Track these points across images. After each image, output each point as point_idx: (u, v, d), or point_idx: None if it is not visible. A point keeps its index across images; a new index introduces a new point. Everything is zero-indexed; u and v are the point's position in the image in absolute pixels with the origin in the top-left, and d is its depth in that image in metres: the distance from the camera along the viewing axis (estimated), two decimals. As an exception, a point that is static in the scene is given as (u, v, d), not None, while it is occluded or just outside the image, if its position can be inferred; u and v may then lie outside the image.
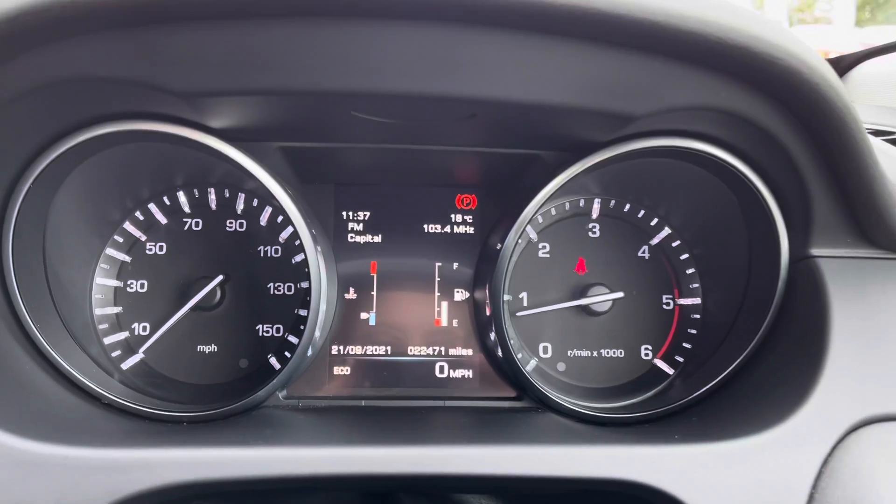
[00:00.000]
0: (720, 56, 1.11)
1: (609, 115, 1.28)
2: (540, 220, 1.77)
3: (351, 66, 1.13)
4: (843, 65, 2.32)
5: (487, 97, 1.20)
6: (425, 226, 1.82)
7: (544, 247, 1.79)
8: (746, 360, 1.52)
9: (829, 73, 1.15)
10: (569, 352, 1.77)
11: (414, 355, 1.77)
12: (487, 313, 1.63)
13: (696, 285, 1.76)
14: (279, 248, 1.74)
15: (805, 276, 1.42)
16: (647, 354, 1.77)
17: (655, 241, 1.79)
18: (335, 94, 1.19)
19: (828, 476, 1.18)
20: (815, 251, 1.40)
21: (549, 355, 1.77)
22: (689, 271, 1.77)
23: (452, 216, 1.82)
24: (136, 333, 1.68)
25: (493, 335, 1.61)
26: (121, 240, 1.68)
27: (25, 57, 1.10)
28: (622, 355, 1.77)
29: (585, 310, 1.74)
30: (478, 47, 1.11)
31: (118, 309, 1.68)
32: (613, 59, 1.14)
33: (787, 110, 1.23)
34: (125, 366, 1.65)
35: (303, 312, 1.68)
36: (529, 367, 1.74)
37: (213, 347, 1.70)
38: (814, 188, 1.33)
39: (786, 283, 1.47)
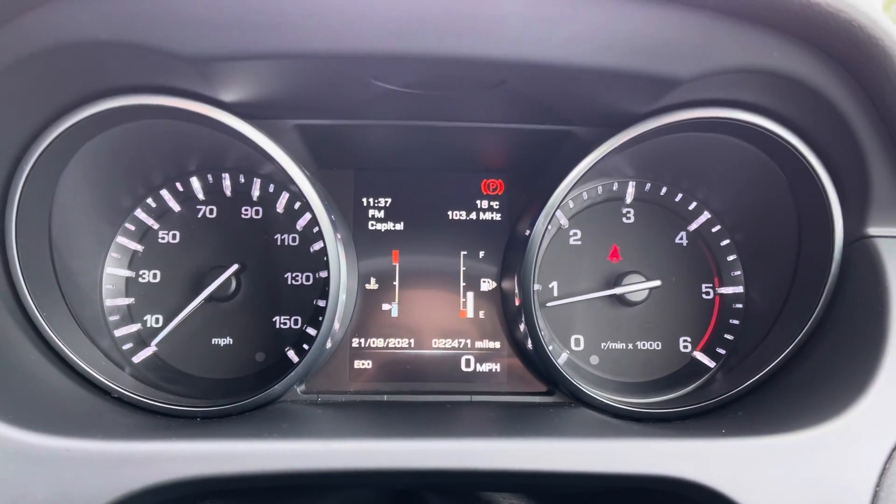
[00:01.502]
0: (776, 9, 1.03)
1: (650, 80, 1.19)
2: (571, 205, 1.69)
3: (370, 26, 1.06)
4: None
5: (519, 59, 1.11)
6: (450, 212, 1.74)
7: (576, 233, 1.71)
8: (796, 351, 1.43)
9: (893, 29, 1.06)
10: (602, 344, 1.68)
11: (438, 348, 1.70)
12: (516, 304, 1.56)
13: (738, 273, 1.67)
14: (297, 236, 1.67)
15: (861, 257, 1.32)
16: (685, 347, 1.68)
17: (694, 226, 1.70)
18: (354, 58, 1.11)
19: (893, 472, 1.10)
20: (872, 230, 1.31)
21: (581, 348, 1.68)
22: (731, 258, 1.68)
23: (478, 202, 1.75)
24: (149, 325, 1.62)
25: (522, 327, 1.53)
26: (132, 228, 1.63)
27: (24, 19, 1.03)
28: (659, 348, 1.68)
29: (620, 300, 1.66)
30: (507, 3, 1.03)
31: (130, 300, 1.62)
32: (658, 16, 1.06)
33: (847, 71, 1.14)
34: (137, 359, 1.59)
35: (322, 303, 1.61)
36: (561, 360, 1.66)
37: (229, 340, 1.63)
38: (872, 159, 1.24)
39: (840, 265, 1.37)
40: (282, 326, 1.65)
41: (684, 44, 1.12)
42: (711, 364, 1.64)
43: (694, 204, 1.69)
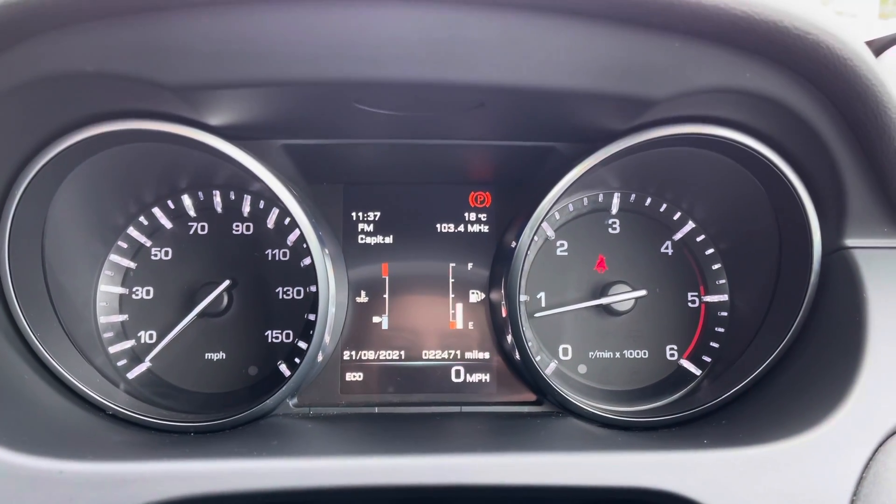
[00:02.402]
0: (745, 32, 1.05)
1: (627, 101, 1.21)
2: (557, 216, 1.71)
3: (349, 54, 1.08)
4: (873, 49, 2.23)
5: (496, 83, 1.13)
6: (438, 225, 1.76)
7: (562, 244, 1.72)
8: (778, 360, 1.45)
9: (863, 49, 1.08)
10: (590, 353, 1.70)
11: (429, 360, 1.72)
12: (503, 315, 1.57)
13: (723, 281, 1.69)
14: (287, 251, 1.69)
15: (839, 268, 1.34)
16: (672, 355, 1.70)
17: (679, 235, 1.72)
18: (334, 84, 1.13)
19: (870, 481, 1.12)
20: (849, 242, 1.33)
21: (569, 357, 1.70)
22: (715, 267, 1.69)
23: (466, 214, 1.76)
24: (143, 341, 1.64)
25: (509, 338, 1.55)
26: (125, 245, 1.64)
27: (10, 52, 1.05)
28: (646, 356, 1.70)
29: (606, 309, 1.68)
30: (483, 30, 1.05)
31: (123, 317, 1.64)
32: (630, 39, 1.08)
33: (819, 90, 1.16)
34: (131, 375, 1.60)
35: (312, 317, 1.63)
36: (549, 369, 1.68)
37: (221, 355, 1.65)
38: (847, 174, 1.26)
39: (819, 276, 1.39)
40: (274, 340, 1.67)
41: (658, 66, 1.13)
42: (697, 372, 1.66)
43: (678, 214, 1.71)
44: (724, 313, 1.68)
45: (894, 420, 1.16)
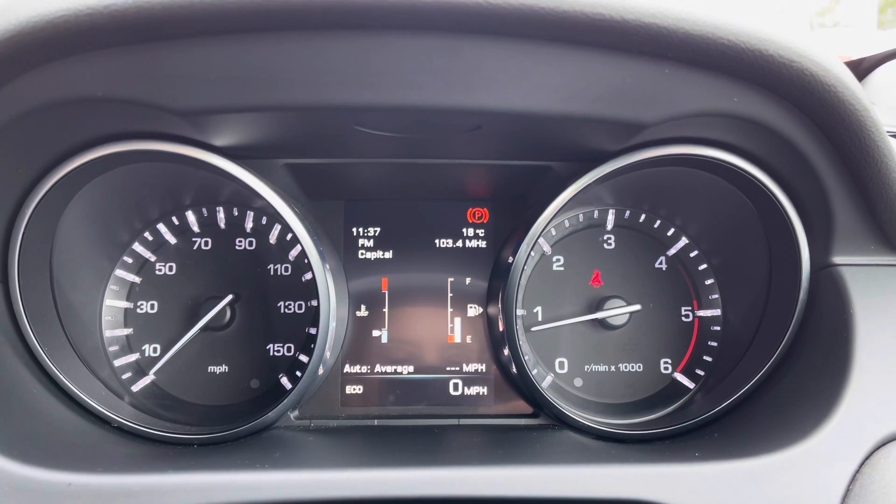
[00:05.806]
0: (731, 60, 1.08)
1: (619, 124, 1.25)
2: (553, 232, 1.74)
3: (350, 80, 1.11)
4: (865, 67, 2.27)
5: (491, 108, 1.17)
6: (437, 240, 1.79)
7: (558, 260, 1.76)
8: (769, 374, 1.47)
9: (845, 75, 1.11)
10: (586, 367, 1.73)
11: (427, 373, 1.75)
12: (501, 329, 1.60)
13: (716, 296, 1.72)
14: (289, 266, 1.72)
15: (827, 285, 1.37)
16: (666, 368, 1.73)
17: (672, 251, 1.75)
18: (336, 109, 1.17)
19: (856, 494, 1.14)
20: (837, 259, 1.36)
21: (565, 371, 1.73)
22: (708, 282, 1.72)
23: (464, 230, 1.80)
24: (147, 355, 1.67)
25: (506, 351, 1.58)
26: (130, 261, 1.68)
27: (24, 78, 1.09)
28: (641, 370, 1.73)
29: (602, 323, 1.71)
30: (479, 57, 1.09)
31: (128, 330, 1.67)
32: (620, 66, 1.11)
33: (804, 114, 1.19)
34: (136, 388, 1.63)
35: (313, 331, 1.65)
36: (545, 383, 1.70)
37: (224, 368, 1.68)
38: (834, 194, 1.29)
39: (807, 292, 1.42)
40: (275, 354, 1.70)
41: (647, 92, 1.17)
42: (691, 385, 1.69)
43: (672, 230, 1.74)
44: (717, 328, 1.71)
45: (880, 434, 1.19)
